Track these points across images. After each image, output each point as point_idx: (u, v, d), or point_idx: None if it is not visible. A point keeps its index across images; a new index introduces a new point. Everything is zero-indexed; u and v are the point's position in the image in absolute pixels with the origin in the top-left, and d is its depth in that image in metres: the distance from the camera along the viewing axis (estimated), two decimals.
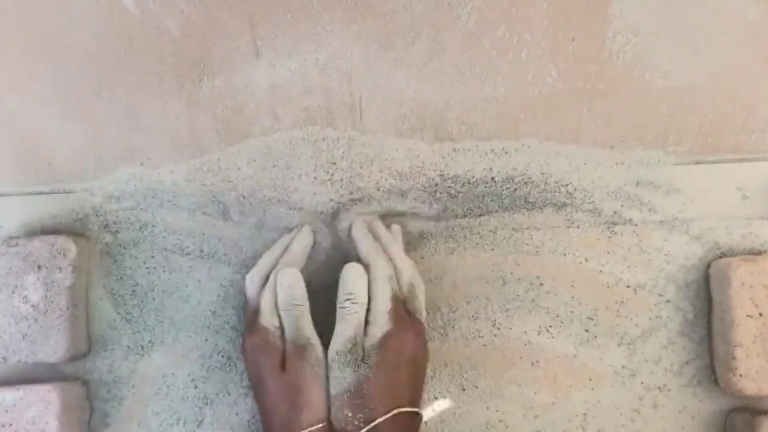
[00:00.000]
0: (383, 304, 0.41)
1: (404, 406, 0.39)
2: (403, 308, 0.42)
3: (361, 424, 0.38)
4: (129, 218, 0.48)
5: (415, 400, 0.41)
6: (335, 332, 0.41)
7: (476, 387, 0.47)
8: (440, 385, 0.47)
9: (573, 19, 0.44)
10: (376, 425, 0.38)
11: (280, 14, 0.45)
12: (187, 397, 0.47)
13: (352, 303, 0.40)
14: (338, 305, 0.41)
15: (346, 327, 0.40)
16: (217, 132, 0.47)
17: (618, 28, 0.44)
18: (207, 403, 0.47)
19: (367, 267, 0.42)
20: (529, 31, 0.44)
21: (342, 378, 0.40)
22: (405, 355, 0.40)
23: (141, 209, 0.48)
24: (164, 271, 0.48)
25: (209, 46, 0.45)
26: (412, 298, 0.43)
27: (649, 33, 0.44)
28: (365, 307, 0.41)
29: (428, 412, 0.47)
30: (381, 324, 0.40)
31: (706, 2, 0.43)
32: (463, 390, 0.47)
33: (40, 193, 0.48)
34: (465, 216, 0.48)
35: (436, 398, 0.47)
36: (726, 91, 0.45)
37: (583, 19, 0.44)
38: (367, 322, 0.41)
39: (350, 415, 0.39)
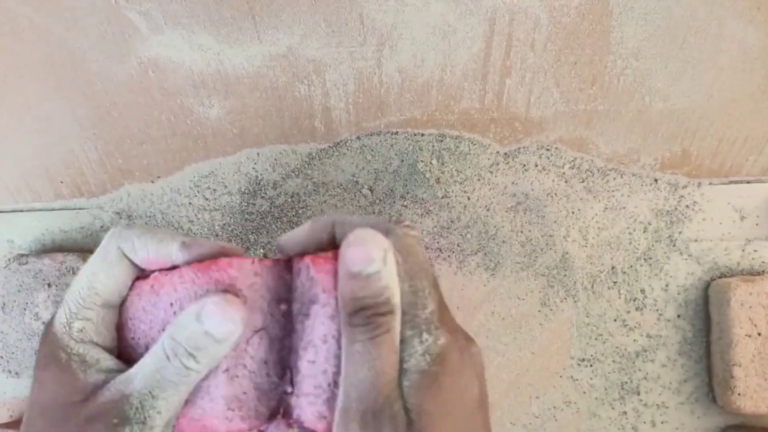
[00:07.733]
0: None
1: None
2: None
3: None
4: None
5: None
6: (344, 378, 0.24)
7: None
8: None
9: (575, 43, 0.45)
10: None
11: None
12: None
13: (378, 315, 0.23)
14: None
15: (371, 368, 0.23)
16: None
17: (619, 53, 0.45)
18: None
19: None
20: (533, 54, 0.45)
21: None
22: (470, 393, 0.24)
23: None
24: None
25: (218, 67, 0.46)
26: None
27: (649, 57, 0.45)
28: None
29: None
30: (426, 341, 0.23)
31: (705, 27, 0.44)
32: None
33: (52, 210, 0.49)
34: None
35: None
36: (724, 114, 0.46)
37: (585, 43, 0.45)
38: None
39: None
